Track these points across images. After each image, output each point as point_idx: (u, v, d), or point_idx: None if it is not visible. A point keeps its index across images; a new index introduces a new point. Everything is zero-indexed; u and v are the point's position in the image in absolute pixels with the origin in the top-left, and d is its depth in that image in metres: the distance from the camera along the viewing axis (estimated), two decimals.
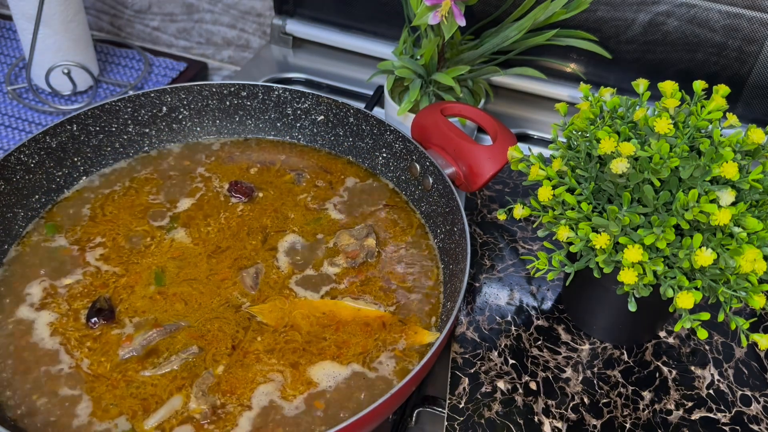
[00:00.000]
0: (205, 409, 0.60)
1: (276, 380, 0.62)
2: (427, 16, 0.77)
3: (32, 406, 0.60)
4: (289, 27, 1.11)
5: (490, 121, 0.79)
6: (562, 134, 0.65)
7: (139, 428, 0.59)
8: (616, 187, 0.59)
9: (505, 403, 0.66)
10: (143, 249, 0.73)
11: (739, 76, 0.91)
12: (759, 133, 0.56)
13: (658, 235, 0.54)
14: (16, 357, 0.63)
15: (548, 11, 0.82)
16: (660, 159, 0.55)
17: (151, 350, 0.64)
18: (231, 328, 0.66)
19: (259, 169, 0.83)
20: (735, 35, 0.88)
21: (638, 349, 0.71)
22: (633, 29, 0.92)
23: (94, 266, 0.71)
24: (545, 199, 0.60)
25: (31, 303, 0.67)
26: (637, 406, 0.66)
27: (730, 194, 0.53)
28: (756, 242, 0.54)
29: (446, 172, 0.75)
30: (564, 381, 0.68)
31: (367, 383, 0.63)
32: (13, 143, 1.01)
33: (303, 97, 0.84)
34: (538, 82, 1.01)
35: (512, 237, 0.82)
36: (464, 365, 0.69)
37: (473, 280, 0.77)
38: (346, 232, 0.75)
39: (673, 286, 0.55)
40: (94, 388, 0.61)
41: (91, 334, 0.65)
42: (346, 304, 0.68)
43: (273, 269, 0.72)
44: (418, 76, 0.88)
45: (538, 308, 0.75)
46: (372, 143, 0.83)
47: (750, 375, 0.69)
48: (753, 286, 0.54)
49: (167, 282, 0.70)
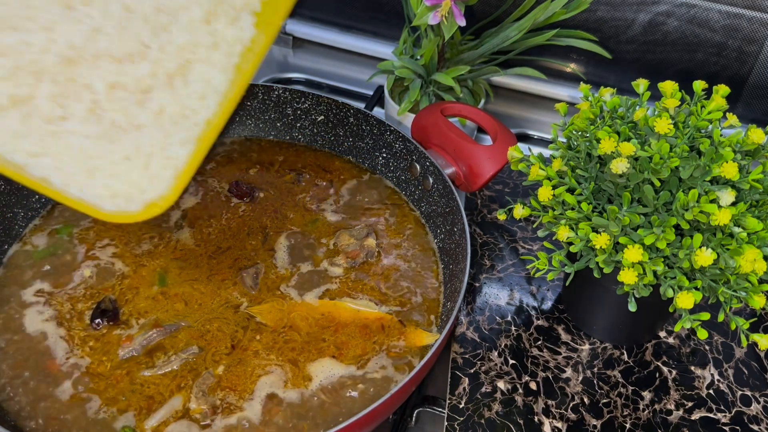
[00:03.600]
0: (205, 409, 0.60)
1: (276, 373, 0.62)
2: (427, 16, 0.77)
3: (32, 406, 0.60)
4: (289, 27, 1.11)
5: (490, 121, 0.79)
6: (562, 134, 0.65)
7: (140, 428, 0.59)
8: (616, 187, 0.59)
9: (505, 403, 0.66)
10: (153, 249, 0.73)
11: (739, 76, 0.91)
12: (759, 133, 0.56)
13: (658, 235, 0.54)
14: (16, 357, 0.63)
15: (548, 11, 0.82)
16: (660, 159, 0.55)
17: (151, 350, 0.64)
18: (230, 327, 0.66)
19: (259, 169, 0.83)
20: (735, 35, 0.88)
21: (638, 349, 0.71)
22: (633, 29, 0.92)
23: (100, 267, 0.71)
24: (545, 199, 0.60)
25: (32, 303, 0.67)
26: (637, 406, 0.66)
27: (730, 194, 0.53)
28: (756, 242, 0.54)
29: (446, 172, 0.75)
30: (564, 381, 0.68)
31: (367, 383, 0.63)
32: None
33: (303, 97, 0.84)
34: (538, 82, 1.01)
35: (512, 237, 0.82)
36: (464, 365, 0.69)
37: (473, 280, 0.77)
38: (346, 232, 0.75)
39: (673, 286, 0.55)
40: (95, 388, 0.61)
41: (94, 334, 0.65)
42: (345, 305, 0.68)
43: (272, 269, 0.72)
44: (418, 76, 0.88)
45: (538, 308, 0.75)
46: (372, 143, 0.83)
47: (750, 375, 0.69)
48: (753, 286, 0.54)
49: (169, 282, 0.70)
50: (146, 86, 0.53)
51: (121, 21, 0.51)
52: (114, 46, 0.50)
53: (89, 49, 0.50)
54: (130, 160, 0.55)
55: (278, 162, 0.84)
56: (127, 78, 0.51)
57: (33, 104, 0.50)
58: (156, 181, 0.57)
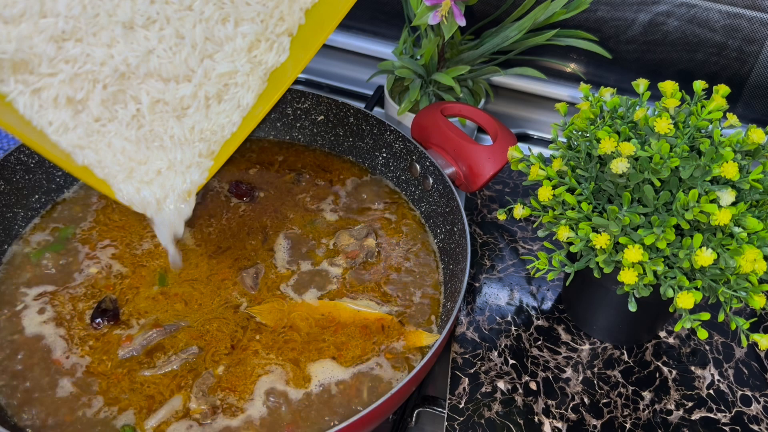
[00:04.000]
0: (205, 409, 0.60)
1: (276, 372, 0.62)
2: (427, 16, 0.77)
3: (32, 406, 0.60)
4: None
5: (490, 121, 0.79)
6: (562, 134, 0.65)
7: (140, 428, 0.59)
8: (616, 187, 0.58)
9: (505, 403, 0.66)
10: (153, 249, 0.73)
11: (739, 76, 0.91)
12: (759, 133, 0.56)
13: (658, 235, 0.54)
14: (15, 356, 0.63)
15: (548, 11, 0.82)
16: (660, 159, 0.55)
17: (151, 350, 0.64)
18: (230, 328, 0.66)
19: (258, 169, 0.83)
20: (735, 35, 0.88)
21: (638, 349, 0.71)
22: (633, 29, 0.92)
23: (100, 267, 0.71)
24: (545, 199, 0.60)
25: (31, 303, 0.67)
26: (637, 406, 0.66)
27: (730, 194, 0.53)
28: (756, 242, 0.54)
29: (446, 172, 0.75)
30: (564, 381, 0.68)
31: (367, 383, 0.63)
32: (13, 143, 1.01)
33: (303, 97, 0.84)
34: (538, 82, 1.01)
35: (512, 237, 0.82)
36: (464, 365, 0.69)
37: (473, 280, 0.77)
38: (346, 232, 0.75)
39: (673, 286, 0.55)
40: (95, 387, 0.61)
41: (94, 334, 0.65)
42: (345, 305, 0.68)
43: (272, 269, 0.72)
44: (418, 76, 0.88)
45: (538, 308, 0.75)
46: (372, 143, 0.83)
47: (750, 375, 0.69)
48: (753, 286, 0.54)
49: (169, 282, 0.70)
50: (186, 105, 0.58)
51: (173, 46, 0.57)
52: (163, 67, 0.57)
53: (142, 68, 0.56)
54: (161, 169, 0.62)
55: (278, 162, 0.84)
56: (170, 96, 0.57)
57: (84, 104, 0.57)
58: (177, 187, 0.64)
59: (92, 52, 0.55)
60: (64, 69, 0.55)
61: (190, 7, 0.56)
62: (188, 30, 0.57)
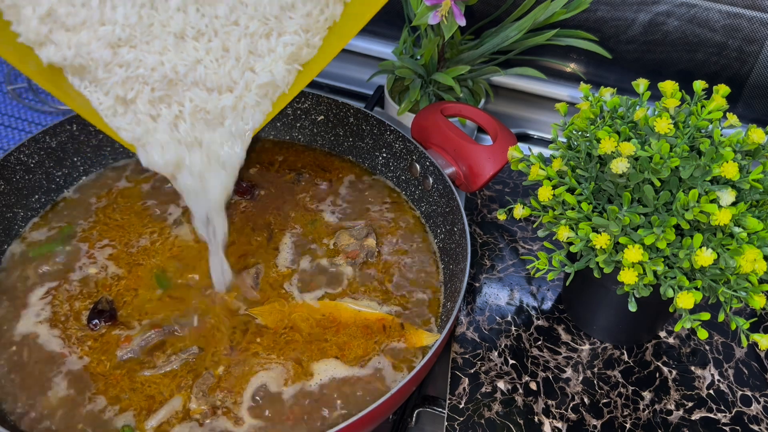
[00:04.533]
0: (205, 409, 0.60)
1: (276, 372, 0.62)
2: (427, 16, 0.77)
3: (32, 406, 0.60)
4: None
5: (490, 121, 0.79)
6: (562, 134, 0.65)
7: (140, 428, 0.59)
8: (616, 187, 0.58)
9: (505, 403, 0.66)
10: (150, 246, 0.73)
11: (739, 76, 0.91)
12: (759, 132, 0.56)
13: (658, 235, 0.54)
14: (13, 356, 0.63)
15: (548, 11, 0.82)
16: (660, 159, 0.55)
17: (151, 350, 0.64)
18: (230, 328, 0.66)
19: (258, 168, 0.83)
20: (735, 35, 0.88)
21: (638, 349, 0.71)
22: (633, 29, 0.92)
23: (98, 267, 0.71)
24: (545, 199, 0.60)
25: (30, 303, 0.67)
26: (637, 407, 0.66)
27: (730, 194, 0.53)
28: (756, 242, 0.54)
29: (446, 172, 0.75)
30: (564, 381, 0.68)
31: (368, 383, 0.63)
32: (13, 143, 1.01)
33: (303, 97, 0.84)
34: (538, 82, 1.01)
35: (512, 237, 0.82)
36: (464, 365, 0.69)
37: (473, 280, 0.77)
38: (346, 232, 0.75)
39: (673, 286, 0.55)
40: (94, 387, 0.61)
41: (93, 334, 0.65)
42: (346, 306, 0.68)
43: (273, 269, 0.72)
44: (418, 76, 0.88)
45: (538, 308, 0.75)
46: (372, 143, 0.83)
47: (750, 375, 0.69)
48: (753, 286, 0.54)
49: (169, 283, 0.70)
50: (225, 114, 0.61)
51: (219, 58, 0.60)
52: (209, 77, 0.60)
53: (189, 76, 0.59)
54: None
55: (278, 162, 0.84)
56: (212, 105, 0.60)
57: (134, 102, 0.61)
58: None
59: (144, 58, 0.59)
60: (118, 72, 0.59)
61: (236, 22, 0.59)
62: (233, 43, 0.60)
